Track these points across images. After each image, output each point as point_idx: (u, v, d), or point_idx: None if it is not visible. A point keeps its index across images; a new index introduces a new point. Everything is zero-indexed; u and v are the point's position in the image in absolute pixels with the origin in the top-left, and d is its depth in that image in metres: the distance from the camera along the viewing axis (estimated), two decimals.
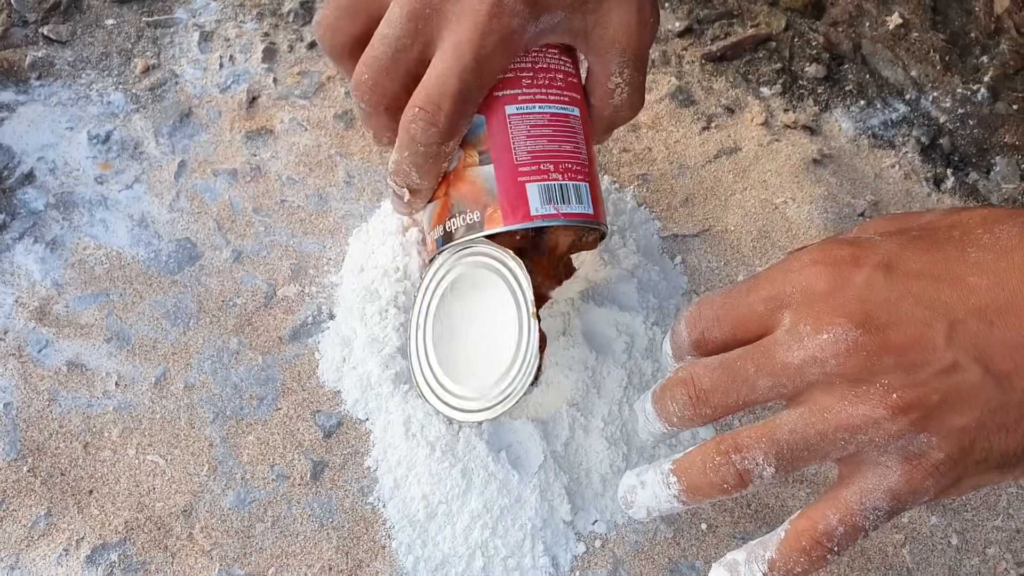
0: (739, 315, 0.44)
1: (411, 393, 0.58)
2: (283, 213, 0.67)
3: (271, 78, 0.74)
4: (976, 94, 0.78)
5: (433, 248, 0.54)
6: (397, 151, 0.50)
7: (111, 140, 0.69)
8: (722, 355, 0.44)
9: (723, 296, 0.45)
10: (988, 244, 0.41)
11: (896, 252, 0.42)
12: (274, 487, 0.57)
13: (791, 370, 0.41)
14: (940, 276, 0.41)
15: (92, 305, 0.62)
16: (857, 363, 0.40)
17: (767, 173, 0.71)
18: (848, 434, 0.40)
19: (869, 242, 0.43)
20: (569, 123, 0.52)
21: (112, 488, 0.56)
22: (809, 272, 0.42)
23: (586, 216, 0.51)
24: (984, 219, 0.43)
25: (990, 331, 0.39)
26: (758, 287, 0.44)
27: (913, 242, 0.42)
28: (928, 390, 0.39)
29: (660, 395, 0.46)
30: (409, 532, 0.56)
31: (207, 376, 0.60)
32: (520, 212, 0.50)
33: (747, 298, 0.44)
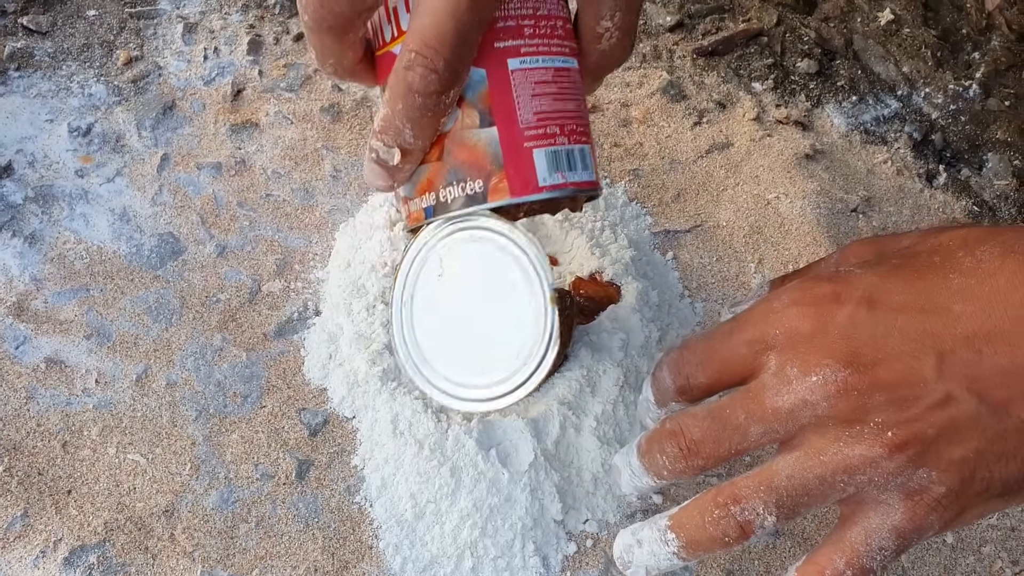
0: (723, 359, 0.43)
1: (399, 391, 0.57)
2: (268, 207, 0.66)
3: (256, 70, 0.72)
4: (968, 90, 0.77)
5: (419, 217, 0.48)
6: (388, 104, 0.44)
7: (92, 133, 0.68)
8: (709, 403, 0.43)
9: (705, 340, 0.44)
10: (970, 268, 0.40)
11: (877, 285, 0.41)
12: (258, 486, 0.55)
13: (782, 415, 0.40)
14: (924, 307, 0.40)
15: (72, 300, 0.61)
16: (849, 404, 0.39)
17: (759, 168, 0.70)
18: (847, 475, 0.40)
19: (849, 276, 0.42)
20: (571, 78, 0.47)
21: (91, 488, 0.55)
22: (791, 313, 0.41)
23: (591, 184, 0.47)
24: (964, 241, 0.42)
25: (980, 360, 0.38)
26: (740, 329, 0.43)
27: (894, 272, 0.42)
28: (924, 425, 0.39)
29: (647, 448, 0.44)
30: (397, 532, 0.54)
31: (190, 373, 0.59)
32: (529, 182, 0.46)
33: (730, 341, 0.43)
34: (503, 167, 0.46)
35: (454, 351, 0.50)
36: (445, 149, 0.46)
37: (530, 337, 0.48)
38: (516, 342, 0.48)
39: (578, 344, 0.58)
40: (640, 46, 0.77)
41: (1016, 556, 0.56)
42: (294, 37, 0.74)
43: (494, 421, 0.56)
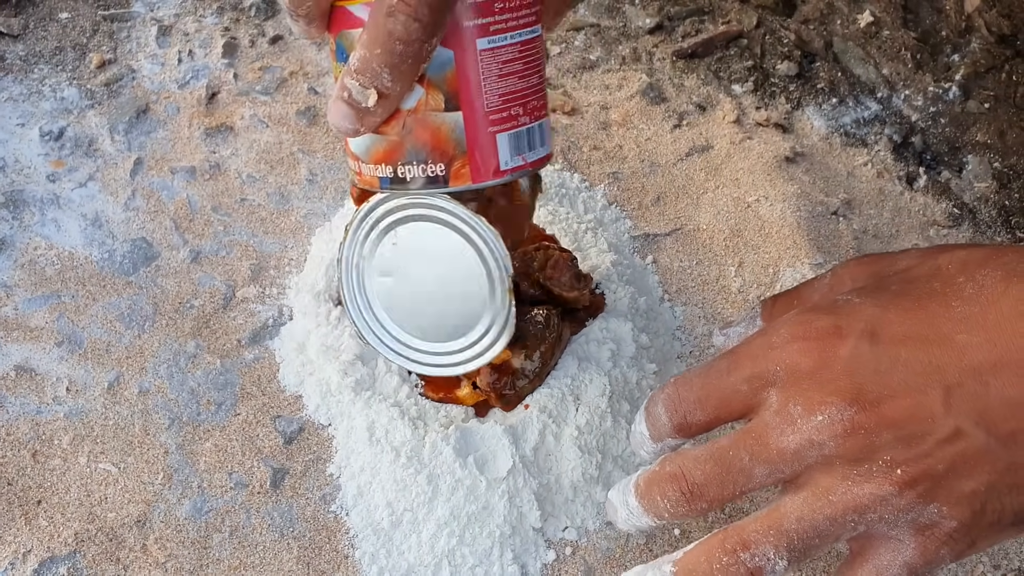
0: (722, 396, 0.42)
1: (373, 399, 0.56)
2: (243, 212, 0.65)
3: (232, 73, 0.72)
4: (948, 92, 0.77)
5: (373, 184, 0.48)
6: (366, 47, 0.41)
7: (64, 137, 0.67)
8: (711, 444, 0.42)
9: (702, 376, 0.43)
10: (972, 295, 0.39)
11: (878, 316, 0.40)
12: (232, 495, 0.55)
13: (788, 455, 0.39)
14: (928, 338, 0.39)
15: (43, 307, 0.60)
16: (856, 443, 0.38)
17: (739, 171, 0.70)
18: (857, 515, 0.39)
19: (848, 307, 0.41)
20: (535, 49, 0.47)
21: (62, 498, 0.54)
22: (792, 349, 0.40)
23: (546, 159, 0.48)
24: (964, 264, 0.41)
25: (987, 391, 0.37)
26: (739, 366, 0.42)
27: (894, 301, 0.40)
28: (933, 461, 0.38)
29: (647, 491, 0.43)
30: (373, 541, 0.54)
31: (163, 381, 0.58)
32: (490, 167, 0.46)
33: (728, 378, 0.42)
34: (466, 152, 0.45)
35: (406, 315, 0.50)
36: (406, 126, 0.45)
37: (485, 322, 0.48)
38: (468, 323, 0.48)
39: (565, 353, 0.57)
40: (620, 48, 0.77)
41: (998, 560, 0.56)
42: (270, 40, 0.74)
43: (472, 428, 0.55)
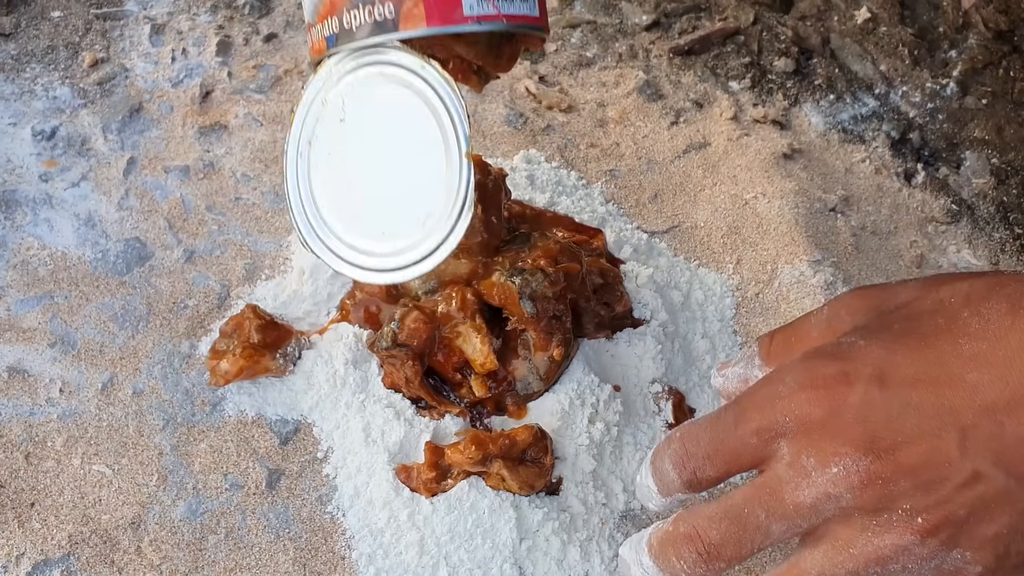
0: (731, 451, 0.41)
1: (368, 400, 0.56)
2: (237, 211, 0.65)
3: (225, 72, 0.71)
4: (945, 88, 0.77)
5: (321, 48, 0.41)
6: None
7: (57, 136, 0.66)
8: (724, 500, 0.41)
9: (709, 430, 0.42)
10: (979, 331, 0.38)
11: (885, 359, 0.39)
12: (227, 497, 0.54)
13: (805, 510, 0.39)
14: (938, 379, 0.38)
15: (35, 308, 0.59)
16: (874, 493, 0.37)
17: (737, 168, 0.69)
18: (880, 566, 0.38)
19: (853, 350, 0.40)
20: None
21: (55, 500, 0.53)
22: (800, 399, 0.39)
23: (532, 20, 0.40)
24: (967, 298, 0.40)
25: (1003, 431, 0.37)
26: (746, 418, 0.41)
27: (900, 342, 0.39)
28: (954, 506, 0.37)
29: (661, 551, 0.42)
30: (370, 542, 0.53)
31: (156, 382, 0.57)
32: (451, 9, 0.38)
33: (736, 431, 0.41)
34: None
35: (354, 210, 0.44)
36: None
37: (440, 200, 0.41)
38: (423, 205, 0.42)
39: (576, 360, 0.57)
40: (616, 45, 0.76)
41: None
42: (264, 38, 0.73)
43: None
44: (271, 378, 0.57)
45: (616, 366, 0.58)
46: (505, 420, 0.57)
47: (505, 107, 0.71)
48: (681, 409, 0.58)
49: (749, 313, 0.63)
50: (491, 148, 0.69)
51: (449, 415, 0.56)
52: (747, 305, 0.63)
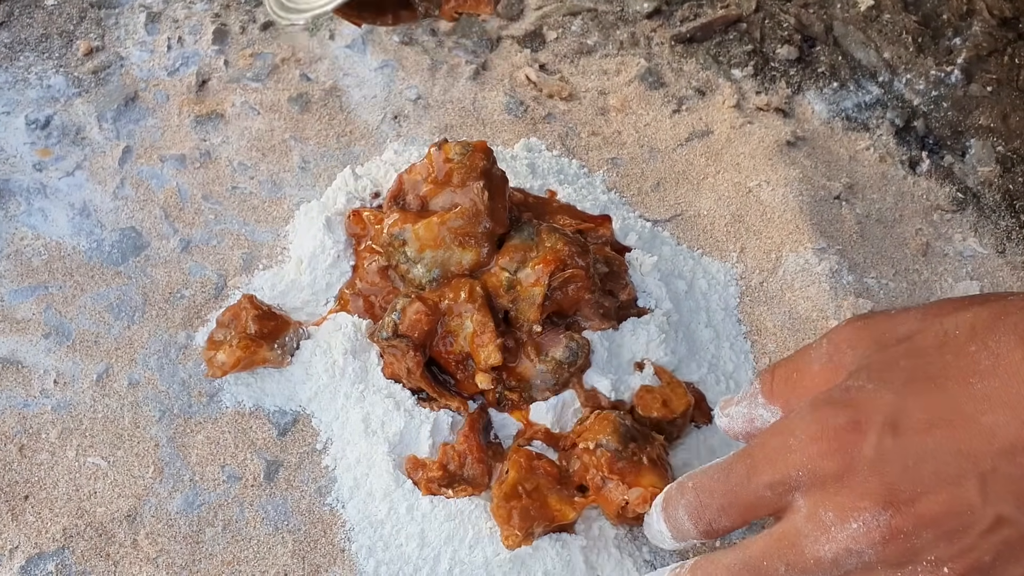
0: (746, 503, 0.41)
1: (368, 390, 0.55)
2: (234, 200, 0.64)
3: (222, 60, 0.70)
4: (950, 76, 0.76)
5: None
6: None
7: (51, 125, 0.66)
8: (742, 549, 0.40)
9: (722, 483, 0.41)
10: (989, 369, 0.37)
11: (896, 405, 0.38)
12: (225, 489, 0.53)
13: (826, 564, 0.38)
14: (952, 422, 0.37)
15: (29, 299, 0.58)
16: (896, 547, 0.37)
17: (740, 156, 0.68)
18: None
19: (862, 396, 0.39)
20: None
21: (50, 493, 0.52)
22: (812, 452, 0.38)
23: None
24: (972, 330, 0.38)
25: (1023, 473, 0.36)
26: (759, 471, 0.40)
27: (910, 385, 0.38)
28: (979, 553, 0.36)
29: None
30: (370, 534, 0.52)
31: (153, 372, 0.56)
32: None
33: (749, 485, 0.40)
34: None
35: None
36: None
37: None
38: None
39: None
40: (617, 33, 0.75)
41: None
42: (260, 26, 0.72)
43: None
44: (269, 369, 0.57)
45: (621, 355, 0.57)
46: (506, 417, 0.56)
47: (505, 95, 0.70)
48: (701, 408, 0.57)
49: (753, 302, 0.62)
50: (491, 136, 0.68)
51: None
52: (751, 294, 0.62)
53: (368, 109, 0.69)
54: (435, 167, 0.57)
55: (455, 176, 0.57)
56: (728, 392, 0.58)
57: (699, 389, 0.58)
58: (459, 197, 0.57)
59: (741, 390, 0.46)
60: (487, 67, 0.73)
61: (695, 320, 0.60)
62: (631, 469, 0.51)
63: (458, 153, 0.57)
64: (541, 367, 0.55)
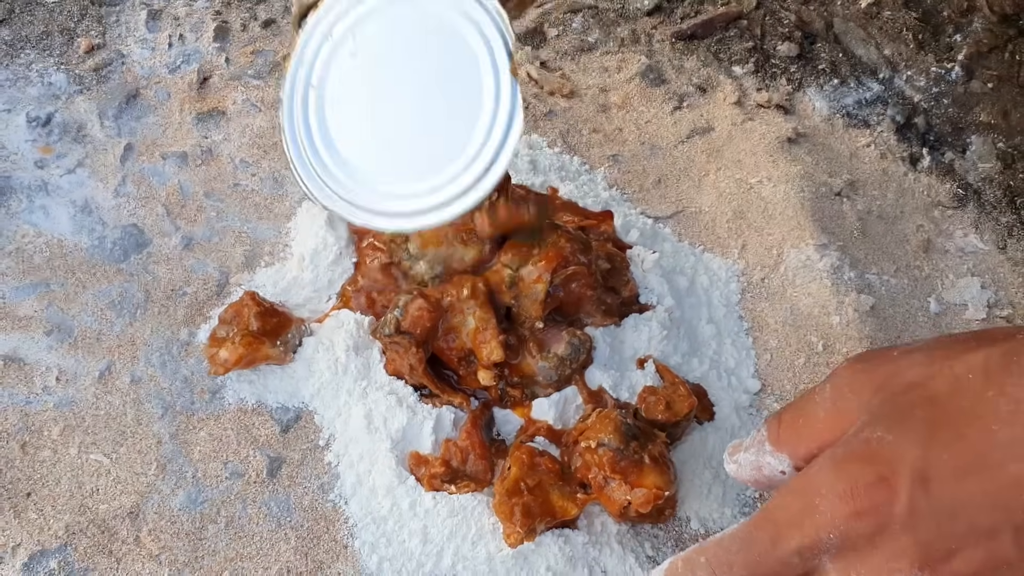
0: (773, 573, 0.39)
1: (370, 387, 0.55)
2: (236, 197, 0.64)
3: (223, 58, 0.70)
4: (950, 72, 0.76)
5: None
6: None
7: (52, 123, 0.65)
8: None
9: (742, 554, 0.39)
10: (1010, 415, 0.36)
11: (922, 458, 0.37)
12: (227, 485, 0.53)
13: None
14: (980, 473, 0.36)
15: (31, 296, 0.58)
16: None
17: (741, 152, 0.68)
18: None
19: (884, 449, 0.37)
20: None
21: (52, 490, 0.52)
22: (841, 513, 0.37)
23: None
24: (986, 374, 0.37)
25: None
26: (783, 537, 0.38)
27: (932, 435, 0.37)
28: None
29: None
30: (373, 530, 0.52)
31: (155, 370, 0.56)
32: None
33: (775, 553, 0.38)
34: None
35: (378, 151, 0.39)
36: None
37: (481, 122, 0.37)
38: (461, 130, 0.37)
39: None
40: (618, 30, 0.75)
41: None
42: (262, 23, 0.72)
43: None
44: (271, 365, 0.57)
45: (623, 352, 0.57)
46: (508, 414, 0.56)
47: None
48: (702, 405, 0.57)
49: (755, 298, 0.62)
50: None
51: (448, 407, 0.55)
52: (753, 290, 0.62)
53: None
54: None
55: None
56: (730, 388, 0.58)
57: (701, 386, 0.58)
58: None
59: (749, 436, 0.44)
60: None
61: (697, 316, 0.60)
62: (633, 468, 0.51)
63: None
64: (543, 363, 0.55)
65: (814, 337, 0.60)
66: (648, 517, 0.52)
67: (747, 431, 0.57)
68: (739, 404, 0.58)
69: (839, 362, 0.58)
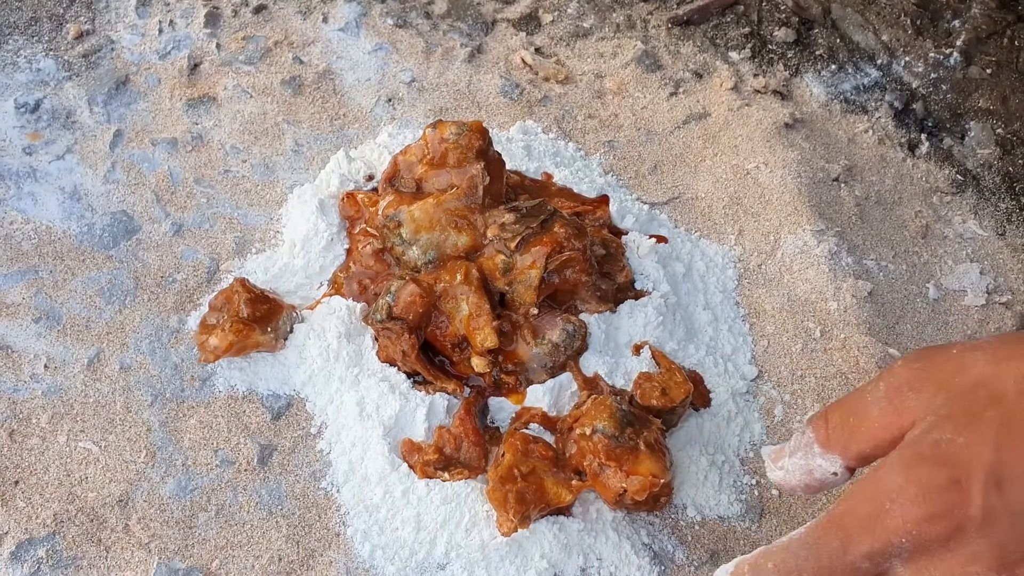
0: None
1: (362, 374, 0.54)
2: (227, 184, 0.63)
3: (214, 43, 0.69)
4: (948, 58, 0.75)
5: None
6: None
7: (41, 109, 0.65)
8: None
9: (812, 560, 0.38)
10: None
11: (995, 458, 0.36)
12: (218, 473, 0.53)
13: None
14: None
15: (19, 283, 0.58)
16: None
17: (738, 138, 0.68)
18: None
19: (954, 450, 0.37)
20: None
21: (40, 478, 0.52)
22: (914, 516, 0.36)
23: None
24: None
25: None
26: (854, 542, 0.37)
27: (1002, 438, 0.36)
28: None
29: None
30: (365, 518, 0.52)
31: (144, 357, 0.56)
32: None
33: (846, 557, 0.38)
34: None
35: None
36: None
37: None
38: None
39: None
40: (613, 16, 0.75)
41: None
42: (253, 9, 0.71)
43: None
44: (262, 353, 0.56)
45: (618, 338, 0.57)
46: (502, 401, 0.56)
47: (500, 78, 0.70)
48: (699, 392, 0.57)
49: (752, 284, 0.61)
50: (487, 119, 0.68)
51: None
52: (750, 276, 0.62)
53: (362, 92, 0.68)
54: (430, 148, 0.57)
55: (451, 156, 0.56)
56: (727, 375, 0.57)
57: (697, 372, 0.57)
58: (455, 177, 0.56)
59: (792, 439, 0.43)
60: (482, 50, 0.72)
61: (693, 303, 0.60)
62: (628, 455, 0.50)
63: (454, 133, 0.56)
64: (537, 350, 0.55)
65: (812, 323, 0.60)
66: (644, 504, 0.51)
67: (744, 418, 0.56)
68: (736, 390, 0.57)
69: (836, 348, 0.59)
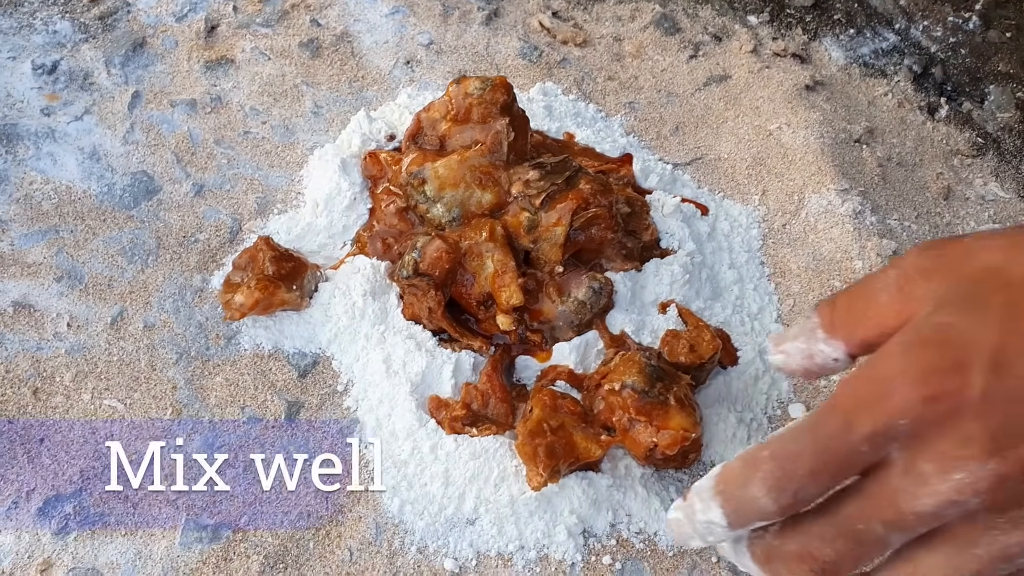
0: (841, 463, 0.37)
1: (388, 332, 0.54)
2: (247, 145, 0.63)
3: (231, 6, 0.69)
4: (968, 22, 0.75)
5: None
6: None
7: (58, 70, 0.64)
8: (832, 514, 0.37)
9: (812, 441, 0.37)
10: None
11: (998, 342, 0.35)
12: (245, 430, 0.52)
13: (927, 518, 0.36)
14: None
15: (40, 242, 0.57)
16: (1000, 495, 0.35)
17: (759, 100, 0.67)
18: (1007, 562, 0.36)
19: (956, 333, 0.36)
20: None
21: (65, 436, 0.51)
22: (914, 397, 0.35)
23: None
24: None
25: None
26: (855, 423, 0.36)
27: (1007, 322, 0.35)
28: None
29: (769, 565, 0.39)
30: (394, 474, 0.51)
31: (168, 315, 0.55)
32: None
33: (846, 439, 0.36)
34: None
35: None
36: None
37: None
38: None
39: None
40: None
41: None
42: None
43: None
44: (287, 311, 0.56)
45: (644, 296, 0.57)
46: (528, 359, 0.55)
47: (519, 40, 0.69)
48: (726, 349, 0.56)
49: (776, 244, 0.61)
50: None
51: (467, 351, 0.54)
52: (774, 236, 0.62)
53: (380, 54, 0.68)
54: (454, 104, 0.56)
55: (475, 112, 0.56)
56: (753, 333, 0.57)
57: (724, 331, 0.57)
58: (479, 134, 0.56)
59: (796, 323, 0.43)
60: (499, 13, 0.71)
61: (718, 262, 0.59)
62: (658, 410, 0.50)
63: (478, 88, 0.55)
64: (563, 308, 0.54)
65: (837, 282, 0.60)
66: (673, 460, 0.51)
67: (771, 376, 0.56)
68: (762, 349, 0.57)
69: None
